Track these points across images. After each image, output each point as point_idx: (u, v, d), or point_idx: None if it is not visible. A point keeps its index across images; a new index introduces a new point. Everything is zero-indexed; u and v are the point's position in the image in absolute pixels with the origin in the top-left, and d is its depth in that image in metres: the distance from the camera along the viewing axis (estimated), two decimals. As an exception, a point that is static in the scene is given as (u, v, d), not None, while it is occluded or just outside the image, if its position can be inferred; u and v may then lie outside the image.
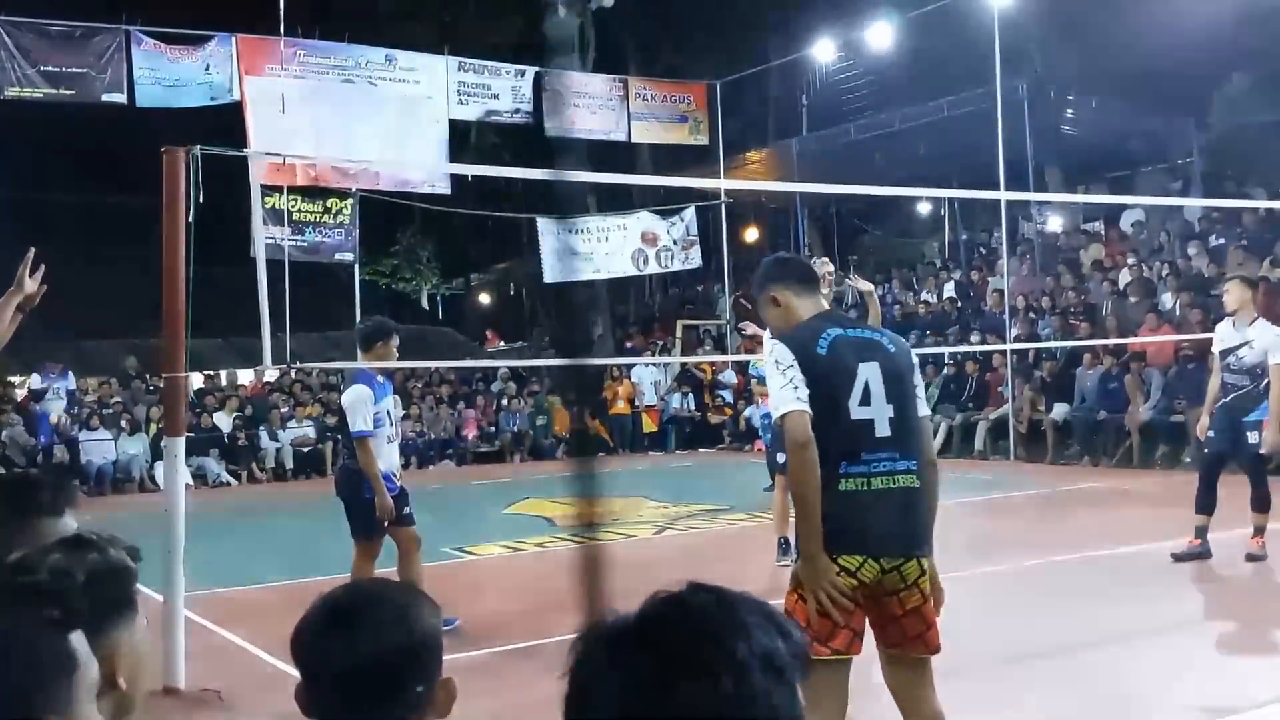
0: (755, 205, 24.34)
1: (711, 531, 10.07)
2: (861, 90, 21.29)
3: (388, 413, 6.34)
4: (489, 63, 17.90)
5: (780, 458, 3.60)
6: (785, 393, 3.13)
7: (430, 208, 19.82)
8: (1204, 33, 16.53)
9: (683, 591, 1.07)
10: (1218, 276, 14.70)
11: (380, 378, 6.40)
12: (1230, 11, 16.26)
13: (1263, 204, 14.69)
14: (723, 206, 19.78)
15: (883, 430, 3.13)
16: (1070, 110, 21.45)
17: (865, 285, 7.62)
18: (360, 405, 6.11)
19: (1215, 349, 7.71)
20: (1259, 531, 7.44)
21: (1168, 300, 14.69)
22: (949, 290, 18.43)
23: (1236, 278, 7.87)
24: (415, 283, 30.48)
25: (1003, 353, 14.89)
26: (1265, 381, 7.27)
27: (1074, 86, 20.69)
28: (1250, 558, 7.41)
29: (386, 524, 6.18)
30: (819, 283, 3.50)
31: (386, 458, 6.27)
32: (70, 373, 18.09)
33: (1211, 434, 7.53)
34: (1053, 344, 14.58)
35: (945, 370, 16.41)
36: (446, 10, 23.21)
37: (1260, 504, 7.41)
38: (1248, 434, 7.34)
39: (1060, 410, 14.43)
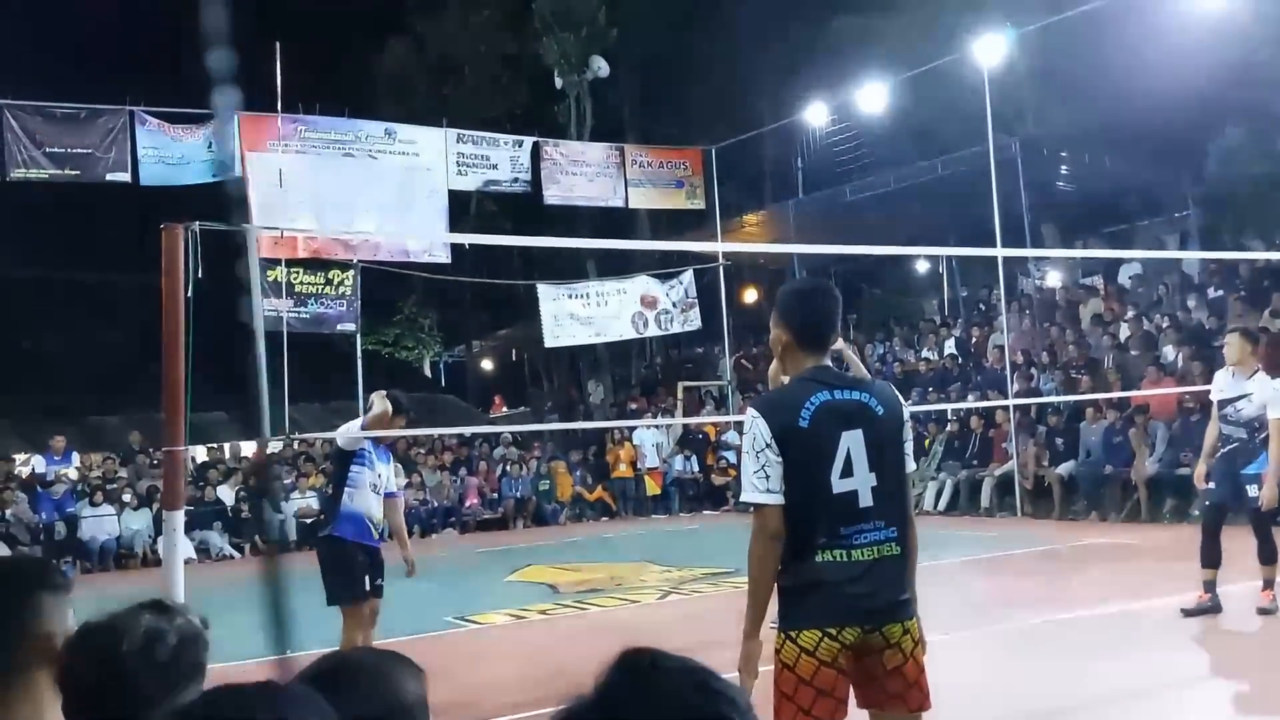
0: (753, 267, 24.50)
1: (717, 595, 9.99)
2: (856, 152, 21.51)
3: (380, 476, 6.37)
4: (487, 134, 18.14)
5: None
6: (757, 480, 3.08)
7: (431, 276, 19.95)
8: (1196, 87, 16.72)
9: (635, 663, 1.08)
10: (1218, 328, 14.74)
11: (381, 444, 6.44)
12: (1221, 65, 16.46)
13: (1260, 255, 14.79)
14: (721, 269, 19.90)
15: (865, 501, 3.07)
16: (1064, 167, 21.66)
17: (837, 344, 7.40)
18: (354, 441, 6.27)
19: (1213, 397, 7.69)
20: (1268, 585, 7.38)
21: (1169, 353, 14.70)
22: (950, 347, 18.47)
23: (1238, 330, 7.87)
24: (417, 351, 30.58)
25: (1005, 408, 14.88)
26: (1263, 435, 7.25)
27: (1067, 143, 20.91)
28: (1261, 611, 7.35)
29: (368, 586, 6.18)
30: (829, 337, 3.30)
31: (364, 503, 6.28)
32: (74, 453, 18.06)
33: (1211, 484, 7.50)
34: (1055, 399, 14.57)
35: (948, 427, 16.38)
36: (446, 84, 23.61)
37: (1267, 557, 7.36)
38: (1247, 488, 7.31)
39: (1066, 466, 14.38)
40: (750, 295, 25.32)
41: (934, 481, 15.83)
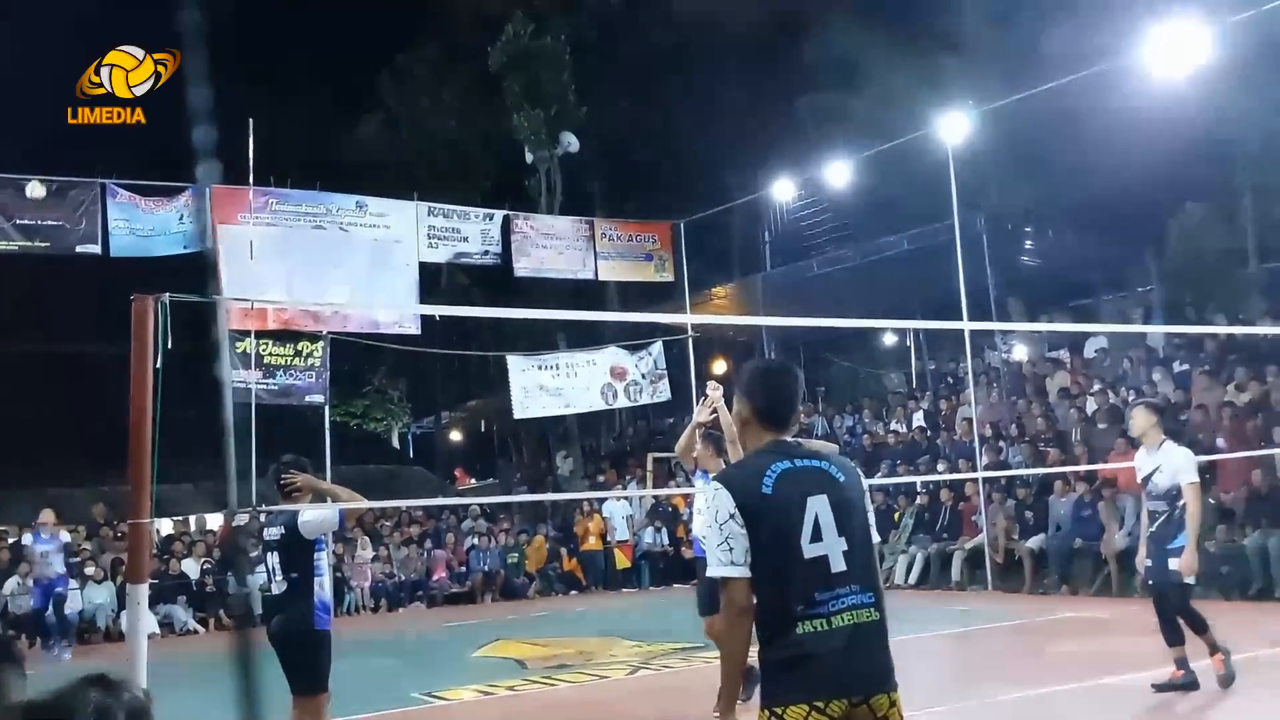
0: (722, 339, 24.61)
1: (688, 670, 9.87)
2: (823, 226, 21.80)
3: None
4: (458, 207, 18.24)
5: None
6: (721, 554, 3.07)
7: (401, 348, 19.91)
8: (1157, 163, 17.09)
9: None
10: (1184, 402, 14.93)
11: None
12: (1181, 142, 16.85)
13: (1223, 330, 15.01)
14: (690, 340, 20.00)
15: (838, 565, 3.06)
16: (1029, 241, 22.01)
17: (713, 392, 6.98)
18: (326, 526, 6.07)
19: (1138, 478, 7.67)
20: (1213, 649, 7.35)
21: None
22: (918, 420, 18.56)
23: (1141, 403, 7.89)
24: (386, 422, 30.41)
25: (975, 481, 14.94)
26: (1182, 503, 7.26)
27: (1031, 218, 21.28)
28: (1222, 680, 7.32)
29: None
30: (790, 417, 3.33)
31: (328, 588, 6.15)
32: (63, 533, 17.51)
33: (1149, 563, 7.49)
34: (1024, 471, 14.65)
35: (918, 500, 16.41)
36: (418, 159, 23.80)
37: (1196, 627, 7.33)
38: (1169, 561, 7.29)
39: (1036, 539, 14.40)
40: (719, 367, 25.41)
41: (904, 555, 15.80)
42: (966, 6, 18.55)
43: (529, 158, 21.56)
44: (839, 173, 18.26)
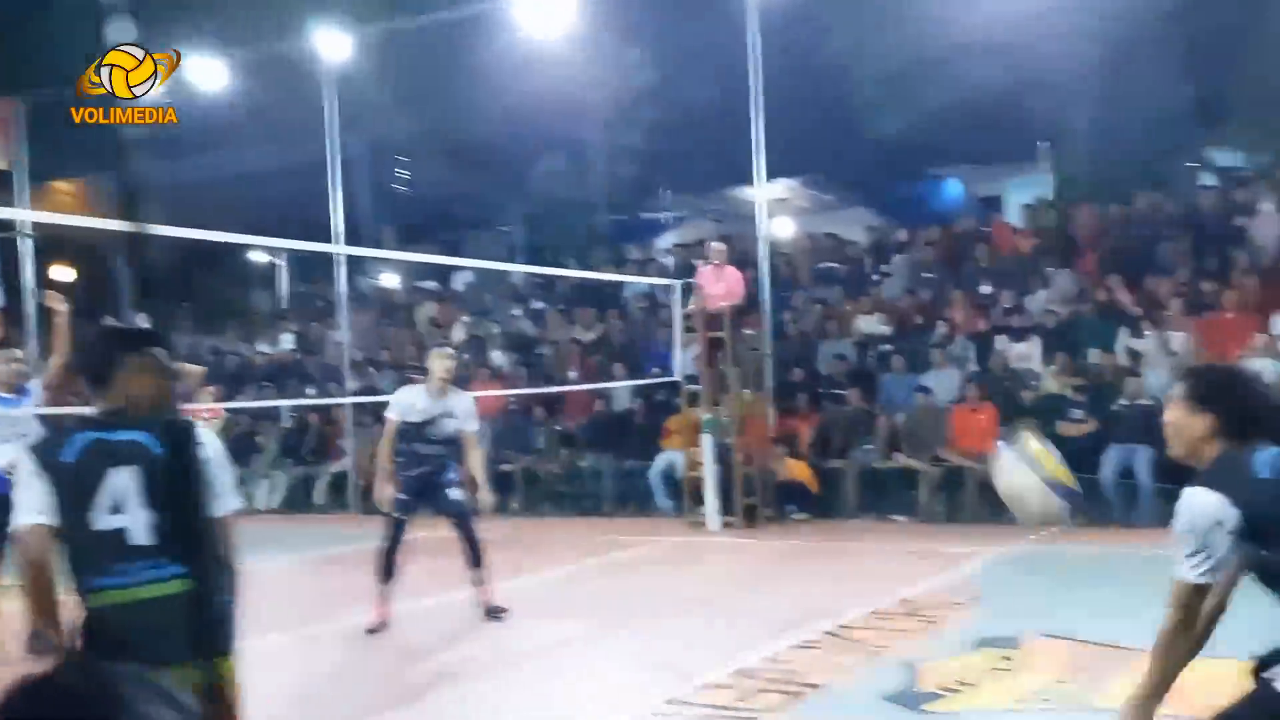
0: (67, 242, 21.94)
1: None
2: (193, 128, 20.19)
3: None
4: None
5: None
6: (28, 499, 3.05)
7: None
8: (526, 112, 18.05)
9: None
10: (539, 337, 16.05)
11: None
12: (549, 96, 17.92)
13: (575, 273, 16.32)
14: (27, 241, 17.53)
15: (140, 539, 3.02)
16: (405, 172, 22.27)
17: (58, 305, 6.99)
18: None
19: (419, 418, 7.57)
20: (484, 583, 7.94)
21: (497, 357, 15.68)
22: (287, 342, 18.03)
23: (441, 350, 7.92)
24: None
25: (343, 406, 14.87)
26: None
27: (408, 150, 21.52)
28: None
29: None
30: (113, 379, 3.17)
31: None
32: None
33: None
34: (391, 398, 14.81)
35: (284, 424, 15.99)
36: None
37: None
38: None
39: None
40: (64, 274, 22.69)
41: (267, 479, 15.32)
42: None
43: None
44: (210, 72, 16.73)
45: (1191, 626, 2.90)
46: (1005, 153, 19.25)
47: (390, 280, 21.33)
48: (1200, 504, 2.80)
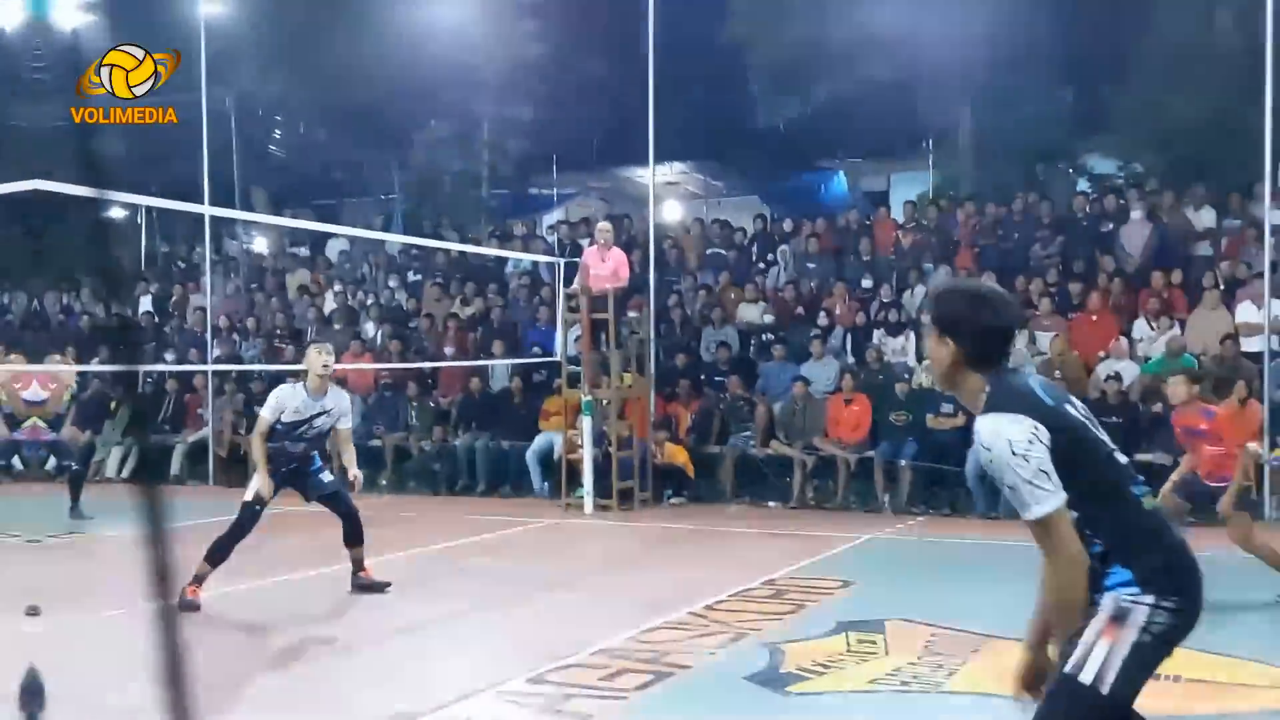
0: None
1: None
2: (55, 72, 19.03)
3: None
4: None
5: None
6: None
7: None
8: (410, 80, 17.53)
9: None
10: (415, 310, 15.60)
11: None
12: (434, 65, 17.43)
13: (455, 246, 15.89)
14: None
15: None
16: (279, 132, 21.44)
17: None
18: None
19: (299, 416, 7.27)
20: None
21: (370, 329, 15.18)
22: (146, 304, 17.17)
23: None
24: None
25: (204, 373, 14.23)
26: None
27: (284, 109, 20.71)
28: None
29: None
30: None
31: None
32: None
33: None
34: (258, 366, 14.25)
35: (142, 390, 15.20)
36: None
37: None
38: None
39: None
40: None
41: (119, 447, 14.53)
42: None
43: None
44: (72, 14, 15.66)
45: (1076, 544, 2.58)
46: (892, 149, 19.53)
47: (261, 245, 20.52)
48: (1011, 429, 2.59)
